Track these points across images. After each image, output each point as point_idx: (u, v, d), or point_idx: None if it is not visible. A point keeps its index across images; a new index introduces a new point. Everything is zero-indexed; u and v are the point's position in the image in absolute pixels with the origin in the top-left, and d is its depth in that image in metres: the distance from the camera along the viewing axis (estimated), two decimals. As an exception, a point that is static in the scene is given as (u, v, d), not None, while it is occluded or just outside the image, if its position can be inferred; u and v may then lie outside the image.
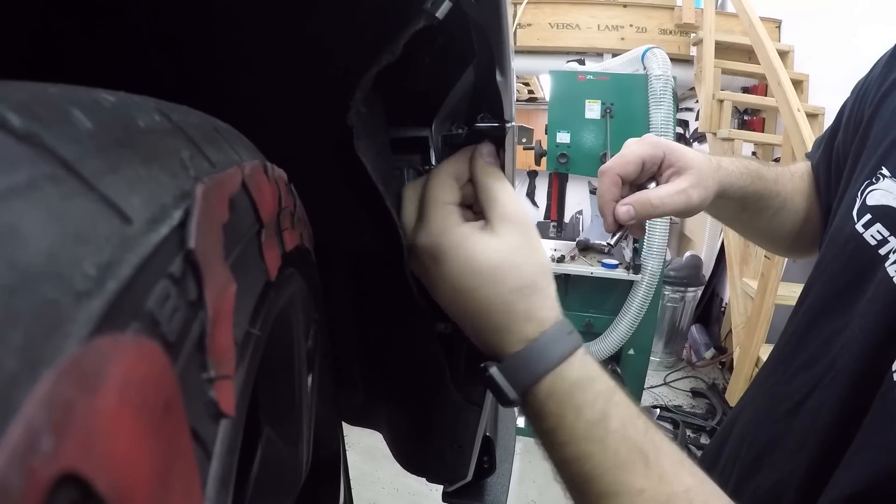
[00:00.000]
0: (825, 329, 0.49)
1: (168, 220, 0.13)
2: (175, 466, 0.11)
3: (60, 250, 0.09)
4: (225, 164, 0.17)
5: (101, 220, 0.11)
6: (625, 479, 0.32)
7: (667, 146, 0.51)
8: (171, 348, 0.12)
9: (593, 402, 0.34)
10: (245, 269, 0.18)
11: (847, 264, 0.49)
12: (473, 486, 0.67)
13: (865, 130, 0.54)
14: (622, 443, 0.32)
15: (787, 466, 0.47)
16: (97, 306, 0.10)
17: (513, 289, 0.35)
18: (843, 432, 0.42)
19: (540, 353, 0.34)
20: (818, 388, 0.47)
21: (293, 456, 0.33)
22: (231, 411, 0.15)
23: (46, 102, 0.11)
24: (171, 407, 0.11)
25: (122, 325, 0.10)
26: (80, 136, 0.12)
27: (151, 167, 0.13)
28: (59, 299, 0.09)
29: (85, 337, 0.09)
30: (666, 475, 0.32)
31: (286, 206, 0.25)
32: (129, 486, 0.09)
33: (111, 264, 0.10)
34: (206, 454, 0.13)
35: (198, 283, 0.13)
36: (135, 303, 0.11)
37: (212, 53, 0.43)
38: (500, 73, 0.38)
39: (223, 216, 0.16)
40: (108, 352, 0.09)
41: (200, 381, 0.13)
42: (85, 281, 0.10)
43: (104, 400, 0.09)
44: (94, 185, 0.11)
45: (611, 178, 0.50)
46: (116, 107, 0.14)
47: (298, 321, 0.31)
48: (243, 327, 0.17)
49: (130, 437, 0.10)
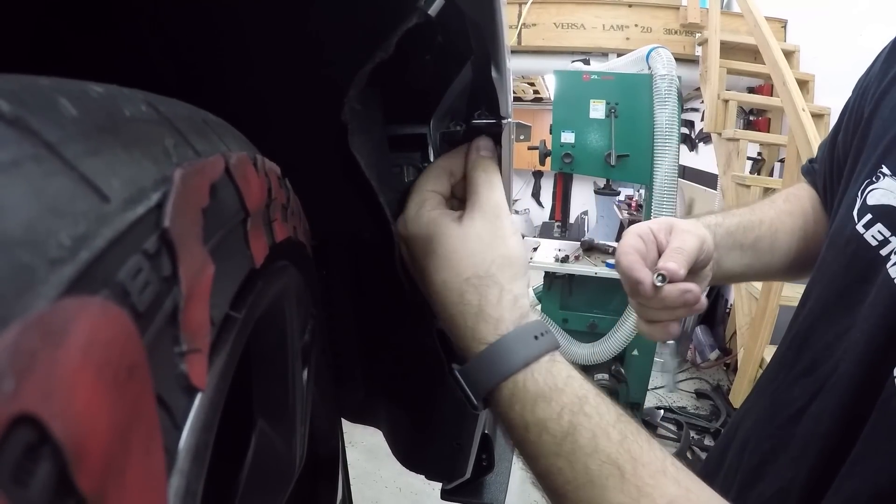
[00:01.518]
0: (827, 333, 0.48)
1: (146, 201, 0.14)
2: (136, 427, 0.12)
3: (38, 221, 0.10)
4: (210, 153, 0.18)
5: (79, 197, 0.12)
6: (598, 494, 0.30)
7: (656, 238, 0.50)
8: (140, 317, 0.13)
9: (559, 416, 0.31)
10: (227, 253, 0.18)
11: (848, 266, 0.47)
12: (472, 484, 0.67)
13: (865, 129, 0.52)
14: (592, 457, 0.30)
15: (789, 474, 0.47)
16: (69, 272, 0.11)
17: (467, 277, 0.33)
18: (845, 439, 0.41)
19: (498, 356, 0.32)
20: (820, 393, 0.46)
21: (287, 449, 0.33)
22: (202, 385, 0.15)
23: (35, 92, 0.12)
24: (135, 371, 0.12)
25: (92, 291, 0.11)
26: (65, 121, 0.13)
27: (133, 153, 0.14)
28: (33, 264, 0.10)
29: (54, 298, 0.10)
30: (645, 487, 0.30)
31: (277, 199, 0.26)
32: (85, 435, 0.10)
33: (86, 237, 0.11)
34: (172, 422, 0.14)
35: (172, 261, 0.14)
36: (106, 273, 0.12)
37: (212, 53, 0.43)
38: (495, 69, 0.38)
39: (203, 201, 0.16)
40: (74, 312, 0.10)
41: (172, 354, 0.14)
42: (59, 249, 0.11)
43: (67, 353, 0.10)
44: (74, 166, 0.12)
45: (688, 261, 0.48)
46: (104, 97, 0.15)
47: (293, 313, 0.31)
48: (222, 309, 0.17)
49: (90, 390, 0.10)
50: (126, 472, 0.12)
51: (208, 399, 0.16)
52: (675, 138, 2.28)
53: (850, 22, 2.60)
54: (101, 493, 0.11)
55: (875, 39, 0.55)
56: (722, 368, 3.36)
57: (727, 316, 3.46)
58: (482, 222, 0.35)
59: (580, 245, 2.70)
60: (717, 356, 3.39)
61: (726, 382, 3.12)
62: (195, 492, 0.15)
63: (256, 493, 0.30)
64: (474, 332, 0.33)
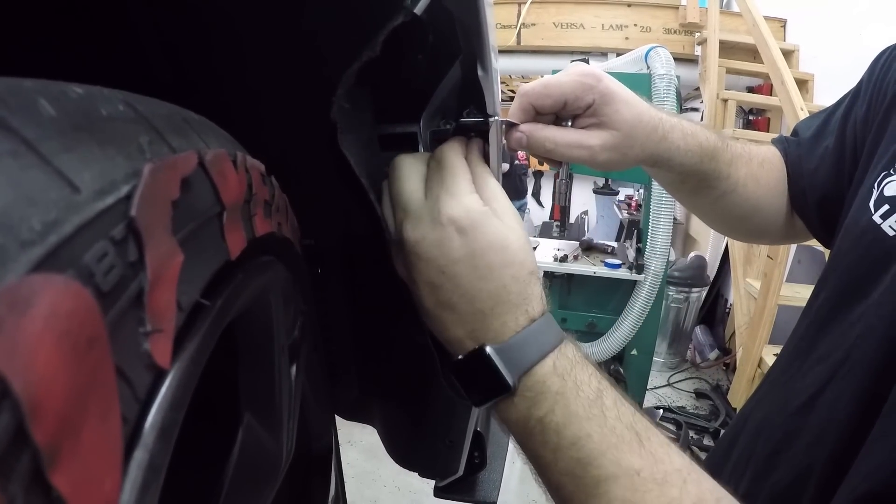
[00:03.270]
0: (842, 321, 0.48)
1: (115, 192, 0.15)
2: (94, 392, 0.13)
3: (13, 208, 0.12)
4: (186, 150, 0.18)
5: (51, 188, 0.13)
6: (622, 458, 0.31)
7: (603, 91, 0.44)
8: (104, 296, 0.14)
9: (589, 380, 0.34)
10: (200, 244, 0.20)
11: (864, 255, 0.48)
12: (465, 481, 0.67)
13: (884, 120, 0.52)
14: (617, 421, 0.32)
15: (805, 461, 0.47)
16: (37, 253, 0.12)
17: (531, 271, 0.36)
18: (862, 423, 0.41)
19: (546, 328, 0.35)
20: (834, 379, 0.47)
21: (274, 442, 0.33)
22: (166, 364, 0.17)
23: (17, 93, 0.14)
24: (94, 342, 0.13)
25: (58, 270, 0.13)
26: (43, 120, 0.14)
27: (107, 149, 0.16)
28: (6, 244, 0.11)
29: (22, 274, 0.11)
30: (658, 454, 0.32)
31: (258, 194, 0.26)
32: (43, 393, 0.12)
33: (55, 223, 0.13)
34: (133, 395, 0.15)
35: (139, 247, 0.16)
36: (72, 255, 0.13)
37: (206, 52, 0.44)
38: (481, 68, 0.38)
39: (173, 193, 0.18)
40: (38, 286, 0.12)
41: (136, 333, 0.16)
42: (30, 233, 0.12)
43: (30, 321, 0.11)
44: (49, 161, 0.13)
45: (522, 104, 0.44)
46: (83, 98, 0.16)
47: (279, 308, 0.32)
48: (191, 296, 0.18)
49: (49, 354, 0.12)
50: (81, 433, 0.13)
51: (176, 379, 0.17)
52: (674, 138, 2.28)
53: (849, 21, 2.60)
54: (55, 447, 0.12)
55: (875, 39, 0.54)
56: (721, 368, 3.36)
57: (727, 316, 3.46)
58: (520, 227, 0.37)
59: (579, 245, 2.70)
60: (717, 356, 3.39)
61: (726, 382, 3.12)
62: (159, 466, 0.16)
63: (244, 486, 0.31)
64: (526, 315, 0.35)
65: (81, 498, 0.13)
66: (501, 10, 3.53)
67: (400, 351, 0.59)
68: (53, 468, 0.12)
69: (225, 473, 0.29)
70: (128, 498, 0.15)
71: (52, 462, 0.12)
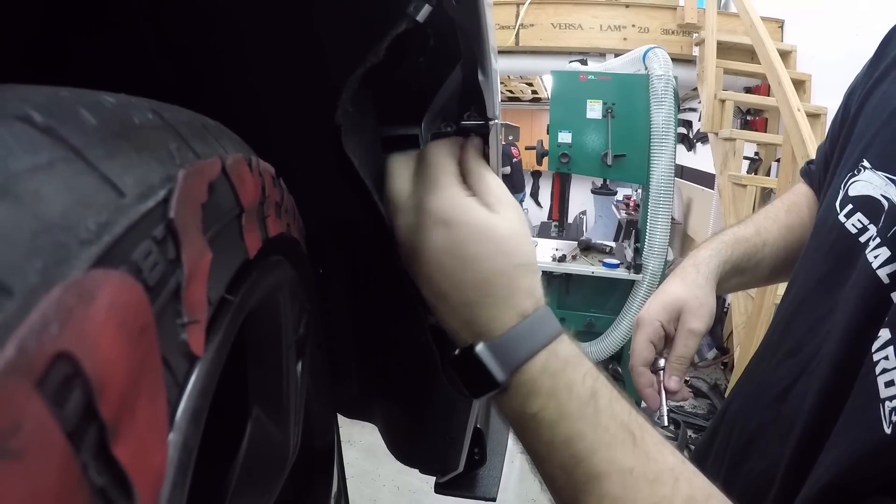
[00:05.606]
0: (809, 316, 0.51)
1: (154, 196, 0.16)
2: (145, 375, 0.15)
3: (70, 210, 0.13)
4: (209, 155, 0.21)
5: (101, 192, 0.15)
6: (614, 457, 0.32)
7: (661, 324, 0.61)
8: (150, 290, 0.16)
9: (583, 380, 0.34)
10: (224, 244, 0.21)
11: (829, 252, 0.50)
12: (464, 478, 0.68)
13: (850, 126, 0.55)
14: (611, 420, 0.33)
15: (776, 451, 0.48)
16: (95, 251, 0.13)
17: (518, 264, 0.35)
18: (828, 416, 0.43)
19: (538, 325, 0.34)
20: (804, 374, 0.48)
21: (282, 436, 0.34)
22: (200, 353, 0.18)
23: (60, 103, 0.15)
24: (145, 331, 0.15)
25: (113, 266, 0.14)
26: (87, 129, 0.15)
27: (143, 155, 0.17)
28: (68, 243, 0.13)
29: (85, 269, 0.13)
30: (651, 453, 0.32)
31: (270, 196, 0.28)
32: (108, 374, 0.13)
33: (107, 224, 0.14)
34: (174, 380, 0.17)
35: (176, 246, 0.17)
36: (123, 253, 0.15)
37: (212, 56, 0.44)
38: (481, 72, 0.39)
39: (202, 197, 0.19)
40: (100, 280, 0.13)
41: (175, 325, 0.17)
42: (87, 233, 0.13)
43: (95, 310, 0.13)
44: (96, 167, 0.15)
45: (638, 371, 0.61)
46: (116, 107, 0.17)
47: (287, 306, 0.33)
48: (218, 291, 0.20)
49: (112, 340, 0.13)
50: (136, 411, 0.14)
51: (205, 368, 0.19)
52: (672, 138, 2.30)
53: (847, 22, 2.62)
54: (116, 421, 0.13)
55: (872, 39, 0.57)
56: (719, 367, 3.38)
57: (725, 315, 3.48)
58: (516, 217, 0.37)
59: (577, 244, 2.72)
60: (715, 355, 3.40)
61: (724, 381, 3.13)
62: (192, 448, 0.18)
63: (253, 477, 0.32)
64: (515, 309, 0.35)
65: (138, 469, 0.14)
66: (500, 10, 3.54)
67: (401, 349, 0.60)
68: (115, 441, 0.13)
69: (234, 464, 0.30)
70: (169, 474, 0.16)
71: (115, 435, 0.13)
